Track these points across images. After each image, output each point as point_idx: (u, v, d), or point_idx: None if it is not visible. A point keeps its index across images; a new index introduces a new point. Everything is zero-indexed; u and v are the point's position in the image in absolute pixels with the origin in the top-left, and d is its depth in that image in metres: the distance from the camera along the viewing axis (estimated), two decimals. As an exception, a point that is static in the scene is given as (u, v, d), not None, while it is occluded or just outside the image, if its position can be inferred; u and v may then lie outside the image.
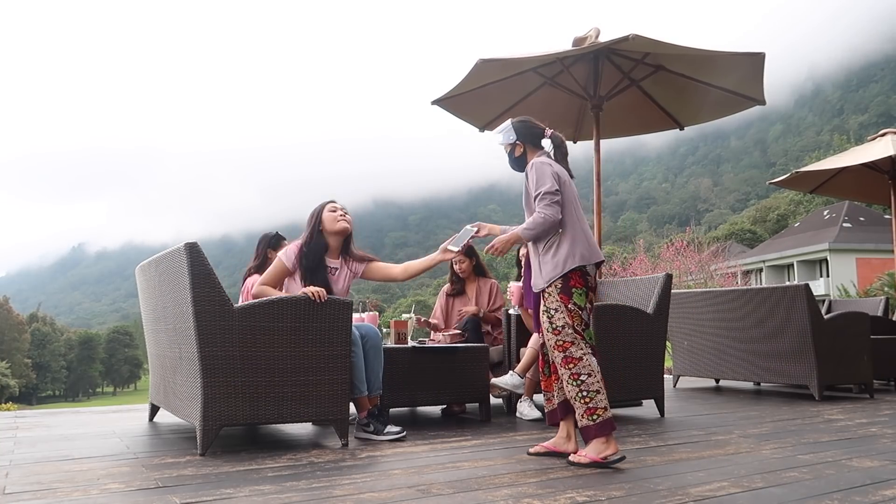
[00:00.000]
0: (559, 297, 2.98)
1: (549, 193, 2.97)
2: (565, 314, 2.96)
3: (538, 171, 3.04)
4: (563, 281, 2.98)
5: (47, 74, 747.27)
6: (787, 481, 2.61)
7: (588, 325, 3.03)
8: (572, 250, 2.99)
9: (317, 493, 2.42)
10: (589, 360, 2.94)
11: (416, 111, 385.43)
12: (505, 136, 3.23)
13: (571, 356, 2.94)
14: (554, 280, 2.99)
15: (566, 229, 3.02)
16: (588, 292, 3.02)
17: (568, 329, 2.95)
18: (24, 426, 4.17)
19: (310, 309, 3.28)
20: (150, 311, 3.95)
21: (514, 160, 3.23)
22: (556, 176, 3.03)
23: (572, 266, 2.98)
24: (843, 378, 5.70)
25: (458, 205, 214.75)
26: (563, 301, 2.97)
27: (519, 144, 3.21)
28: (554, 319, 2.99)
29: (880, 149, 6.85)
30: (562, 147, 3.22)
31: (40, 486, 2.51)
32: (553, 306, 3.00)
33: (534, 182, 3.04)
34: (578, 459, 2.91)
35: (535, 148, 3.20)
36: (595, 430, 2.90)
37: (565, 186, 3.06)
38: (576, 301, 2.98)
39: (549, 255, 3.03)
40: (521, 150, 3.21)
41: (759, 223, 66.14)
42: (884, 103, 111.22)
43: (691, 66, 5.69)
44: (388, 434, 3.50)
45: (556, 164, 3.11)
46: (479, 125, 6.49)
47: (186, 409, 3.32)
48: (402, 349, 4.08)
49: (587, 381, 2.92)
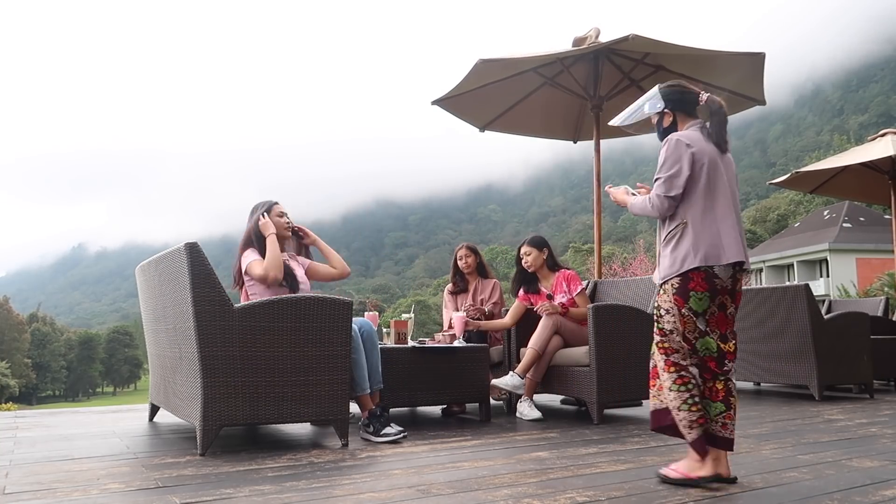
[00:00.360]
0: (673, 299, 2.63)
1: (669, 178, 2.63)
2: (677, 318, 2.62)
3: (670, 149, 2.67)
4: (682, 281, 2.61)
5: (47, 75, 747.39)
6: (787, 481, 2.61)
7: (705, 333, 2.61)
8: (696, 247, 2.59)
9: (317, 493, 2.42)
10: (692, 371, 2.63)
11: (416, 111, 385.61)
12: (651, 104, 2.85)
13: (675, 362, 2.63)
14: (670, 278, 2.65)
15: (695, 221, 2.62)
16: (714, 296, 2.60)
17: (676, 335, 2.63)
18: (24, 426, 4.17)
19: (310, 309, 3.28)
20: (150, 311, 3.95)
21: (661, 131, 2.84)
22: (692, 159, 2.63)
23: (692, 266, 2.58)
24: (843, 378, 5.70)
25: (457, 205, 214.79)
26: (678, 303, 2.61)
27: (668, 113, 2.81)
28: (662, 321, 2.67)
29: (880, 149, 6.85)
30: (718, 114, 2.76)
31: (40, 486, 2.51)
32: (665, 306, 2.66)
33: (660, 161, 2.69)
34: (668, 473, 2.62)
35: (686, 116, 2.80)
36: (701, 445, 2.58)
37: (706, 171, 2.64)
38: (692, 306, 2.59)
39: (669, 249, 2.67)
40: (670, 120, 2.81)
41: (759, 223, 66.12)
42: (884, 103, 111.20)
43: (691, 66, 5.69)
44: (385, 435, 3.48)
45: (702, 142, 2.68)
46: (479, 125, 6.49)
47: (186, 409, 3.32)
48: (402, 349, 4.07)
49: (693, 391, 2.61)
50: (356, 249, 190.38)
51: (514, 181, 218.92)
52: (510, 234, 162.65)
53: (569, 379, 4.39)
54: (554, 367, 4.48)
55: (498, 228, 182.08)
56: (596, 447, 3.34)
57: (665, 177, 2.65)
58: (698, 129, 2.75)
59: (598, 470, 2.82)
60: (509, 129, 6.66)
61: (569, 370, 4.39)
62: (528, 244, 4.83)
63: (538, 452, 3.22)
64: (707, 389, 2.65)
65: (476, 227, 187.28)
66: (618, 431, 3.87)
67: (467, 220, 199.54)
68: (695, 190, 2.63)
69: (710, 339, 2.62)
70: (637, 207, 2.80)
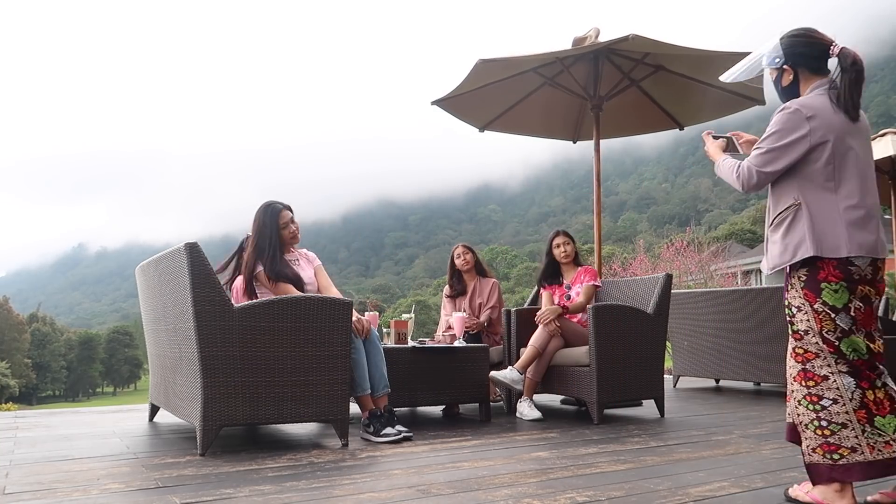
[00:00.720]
0: (802, 293, 2.26)
1: (772, 152, 2.25)
2: (811, 316, 2.24)
3: (784, 119, 2.25)
4: (811, 271, 2.23)
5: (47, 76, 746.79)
6: (787, 481, 2.61)
7: (850, 332, 2.21)
8: (813, 232, 2.21)
9: (317, 493, 2.42)
10: (840, 380, 2.20)
11: (415, 112, 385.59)
12: (769, 58, 2.37)
13: (812, 372, 2.25)
14: (778, 267, 2.30)
15: (812, 203, 2.23)
16: (853, 288, 2.20)
17: (812, 336, 2.24)
18: (24, 426, 4.17)
19: (310, 309, 3.28)
20: (150, 312, 3.94)
21: (781, 91, 2.39)
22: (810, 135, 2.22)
23: (805, 255, 2.21)
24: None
25: (457, 205, 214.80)
26: (808, 298, 2.24)
27: (788, 69, 2.35)
28: (795, 320, 2.30)
29: (880, 149, 6.85)
30: (850, 71, 2.25)
31: (40, 486, 2.51)
32: (795, 303, 2.29)
33: (769, 129, 2.28)
34: (798, 496, 2.30)
35: (812, 73, 2.32)
36: (830, 473, 2.20)
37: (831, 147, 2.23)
38: (826, 300, 2.21)
39: (779, 234, 2.30)
40: (790, 77, 2.35)
41: (760, 223, 66.01)
42: (884, 103, 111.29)
43: (691, 66, 5.68)
44: (385, 436, 3.47)
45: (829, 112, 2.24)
46: (478, 125, 6.49)
47: (186, 409, 3.32)
48: (402, 349, 4.08)
49: (830, 408, 2.20)
50: (356, 249, 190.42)
51: (513, 181, 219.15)
52: (510, 234, 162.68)
53: (569, 379, 4.39)
54: (554, 367, 4.49)
55: (498, 228, 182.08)
56: (596, 447, 3.35)
57: (768, 148, 2.26)
58: (825, 92, 2.29)
59: (598, 470, 2.82)
60: (509, 130, 6.66)
61: (569, 370, 4.39)
62: (563, 234, 4.91)
63: (538, 452, 3.22)
64: (871, 404, 2.20)
65: (476, 227, 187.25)
66: (618, 431, 3.88)
67: (467, 220, 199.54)
68: (814, 167, 2.24)
69: (857, 339, 2.21)
70: (723, 170, 2.41)
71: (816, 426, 2.23)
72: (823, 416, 2.22)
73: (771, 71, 2.41)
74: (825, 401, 2.22)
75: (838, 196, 2.23)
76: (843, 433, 2.19)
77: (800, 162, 2.25)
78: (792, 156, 2.24)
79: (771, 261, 2.33)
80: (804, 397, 2.27)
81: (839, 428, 2.20)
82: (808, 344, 2.26)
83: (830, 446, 2.21)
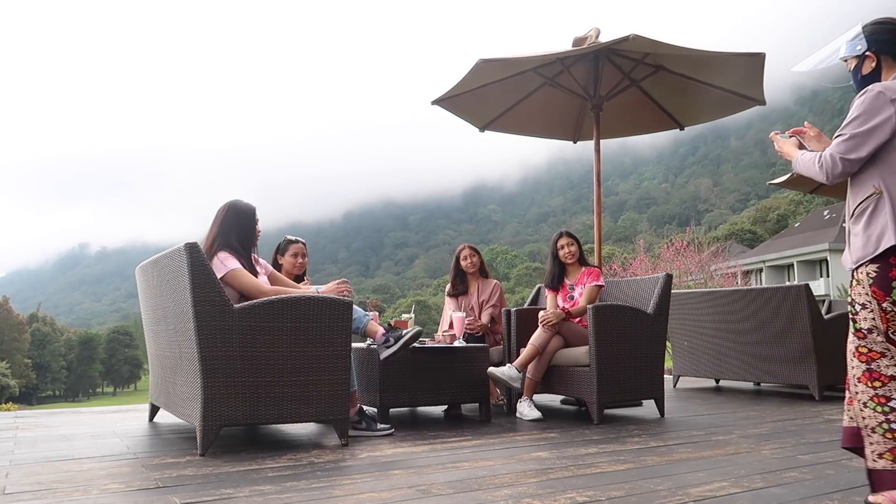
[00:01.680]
0: (870, 290, 2.16)
1: (857, 136, 2.15)
2: (877, 315, 2.15)
3: (867, 101, 2.16)
4: (882, 268, 2.13)
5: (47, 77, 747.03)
6: (787, 481, 2.61)
7: None
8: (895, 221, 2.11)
9: (317, 493, 2.42)
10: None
11: (416, 111, 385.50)
12: (850, 45, 2.31)
13: (879, 372, 2.16)
14: (863, 261, 2.18)
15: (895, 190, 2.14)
16: None
17: (877, 335, 2.17)
18: (24, 426, 4.17)
19: (310, 309, 3.28)
20: (150, 312, 3.94)
21: (860, 80, 2.31)
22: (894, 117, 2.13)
23: (889, 244, 2.10)
24: (843, 378, 5.69)
25: (457, 205, 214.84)
26: (877, 296, 2.14)
27: (871, 56, 2.27)
28: (858, 318, 2.21)
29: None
30: None
31: (40, 486, 2.51)
32: (860, 300, 2.19)
33: (851, 114, 2.19)
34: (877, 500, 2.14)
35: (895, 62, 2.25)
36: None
37: None
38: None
39: (861, 226, 2.19)
40: (872, 65, 2.28)
41: (759, 223, 66.18)
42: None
43: (691, 66, 5.68)
44: (380, 430, 3.68)
45: None
46: (478, 125, 6.49)
47: (186, 409, 3.32)
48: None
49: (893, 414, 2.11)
50: (356, 249, 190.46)
51: (513, 181, 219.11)
52: (510, 234, 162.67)
53: (569, 379, 4.39)
54: (554, 367, 4.49)
55: (498, 228, 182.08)
56: (596, 447, 3.34)
57: (851, 133, 2.16)
58: None
59: (598, 470, 2.82)
60: (509, 129, 6.65)
61: (569, 370, 4.39)
62: (567, 236, 4.89)
63: (538, 452, 3.22)
64: None
65: (476, 228, 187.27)
66: (618, 431, 3.88)
67: (467, 221, 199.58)
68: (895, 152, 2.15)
69: None
70: (802, 164, 2.29)
71: (886, 429, 2.12)
72: (893, 419, 2.11)
73: (851, 60, 2.34)
74: (894, 402, 2.12)
75: None
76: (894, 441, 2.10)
77: (882, 148, 2.16)
78: (877, 140, 2.15)
79: (855, 253, 2.22)
80: (871, 399, 2.16)
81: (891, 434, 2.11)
82: (873, 343, 2.18)
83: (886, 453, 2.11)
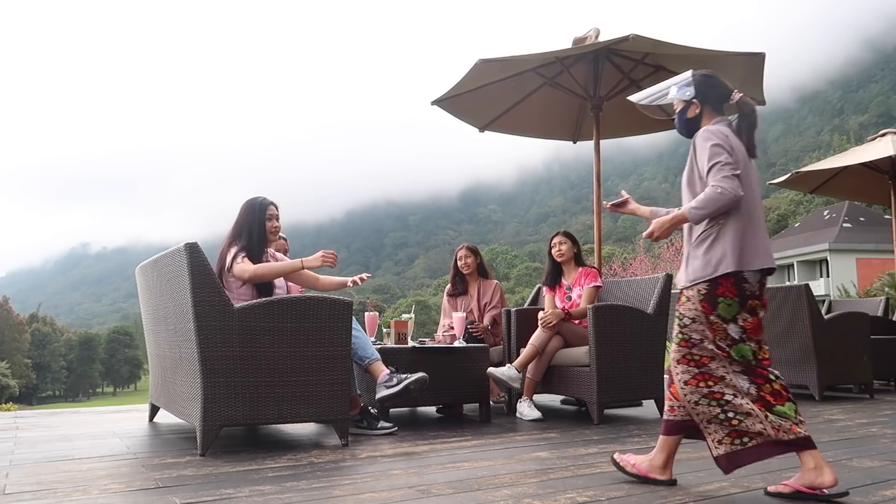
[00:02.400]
0: (700, 305, 2.44)
1: (728, 164, 2.37)
2: (705, 327, 2.44)
3: (711, 138, 2.44)
4: (710, 286, 2.43)
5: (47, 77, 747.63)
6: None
7: (739, 341, 2.43)
8: (733, 248, 2.40)
9: (317, 493, 2.42)
10: (736, 379, 2.41)
11: (415, 111, 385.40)
12: (679, 90, 2.62)
13: (709, 374, 2.43)
14: (698, 282, 2.45)
15: (730, 221, 2.43)
16: (744, 302, 2.42)
17: (707, 343, 2.43)
18: (24, 426, 4.17)
19: (310, 309, 3.28)
20: (150, 312, 3.94)
21: (683, 122, 2.63)
22: (732, 150, 2.43)
23: (727, 270, 2.39)
24: (843, 378, 5.70)
25: (457, 205, 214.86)
26: (705, 310, 2.43)
27: (696, 103, 2.60)
28: (688, 329, 2.46)
29: (880, 149, 6.85)
30: (750, 118, 2.55)
31: (40, 486, 2.51)
32: (690, 315, 2.46)
33: (705, 151, 2.44)
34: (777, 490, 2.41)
35: (713, 111, 2.59)
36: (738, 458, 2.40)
37: (742, 168, 2.43)
38: (721, 313, 2.41)
39: (701, 250, 2.46)
40: (696, 111, 2.60)
41: (759, 223, 66.03)
42: (884, 103, 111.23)
43: (691, 66, 5.63)
44: (382, 429, 3.70)
45: (736, 140, 2.50)
46: (478, 125, 6.49)
47: (186, 410, 3.32)
48: (402, 349, 4.07)
49: (733, 401, 2.39)
50: (356, 249, 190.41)
51: (513, 181, 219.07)
52: (510, 234, 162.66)
53: (569, 379, 4.39)
54: (554, 367, 4.48)
55: (498, 229, 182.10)
56: (596, 447, 3.34)
57: (723, 160, 2.39)
58: (727, 125, 2.54)
59: (598, 470, 2.82)
60: (509, 130, 6.66)
61: (569, 370, 4.39)
62: (562, 234, 4.90)
63: (538, 452, 3.22)
64: (769, 396, 2.40)
65: (476, 228, 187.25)
66: (618, 431, 3.87)
67: (467, 221, 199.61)
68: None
69: (745, 347, 2.43)
70: (703, 205, 2.39)
71: (722, 419, 2.41)
72: (728, 409, 2.40)
73: (678, 102, 2.64)
74: (728, 395, 2.41)
75: (749, 215, 2.45)
76: (748, 421, 2.37)
77: None
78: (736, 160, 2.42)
79: (692, 274, 2.49)
80: (705, 396, 2.43)
81: (744, 417, 2.38)
82: (703, 350, 2.45)
83: (737, 433, 2.39)
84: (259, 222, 3.74)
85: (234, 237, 3.73)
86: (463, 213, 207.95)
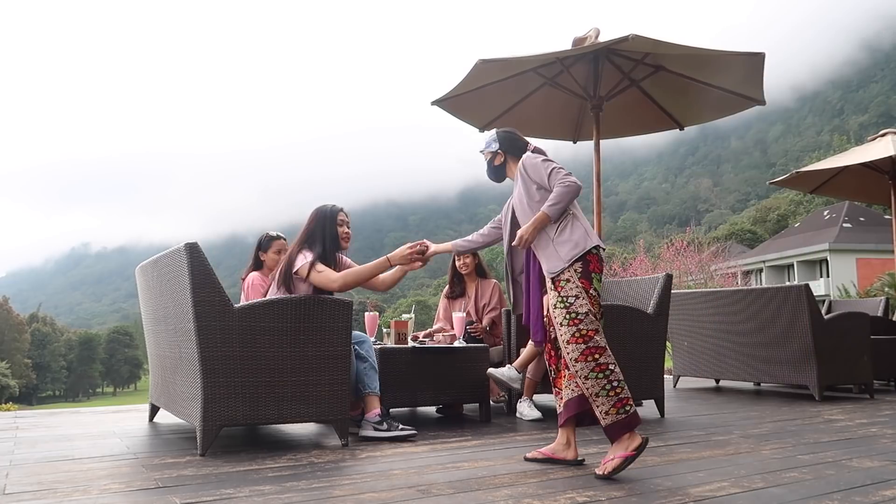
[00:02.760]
0: (580, 283, 2.81)
1: (562, 168, 2.94)
2: (587, 300, 2.79)
3: (538, 158, 3.04)
4: (584, 264, 2.83)
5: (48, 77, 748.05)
6: (787, 481, 2.61)
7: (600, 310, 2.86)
8: (586, 229, 2.90)
9: (317, 493, 2.42)
10: (609, 350, 2.78)
11: (415, 111, 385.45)
12: (487, 144, 3.26)
13: (597, 346, 2.75)
14: (574, 261, 2.83)
15: (575, 211, 2.97)
16: (601, 275, 2.90)
17: (591, 316, 2.77)
18: (24, 426, 4.17)
19: (310, 309, 3.28)
20: (150, 312, 3.95)
21: (492, 169, 3.27)
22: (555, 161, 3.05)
23: (593, 244, 2.86)
24: (843, 378, 5.70)
25: (457, 205, 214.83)
26: (585, 286, 2.80)
27: (500, 154, 3.23)
28: (575, 307, 2.78)
29: (880, 149, 6.85)
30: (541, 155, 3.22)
31: (40, 486, 2.51)
32: (573, 293, 2.80)
33: (538, 168, 3.00)
34: (609, 467, 2.66)
35: (515, 159, 3.20)
36: (626, 423, 2.70)
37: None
38: (595, 287, 2.82)
39: (565, 235, 2.88)
40: (500, 160, 3.24)
41: (760, 223, 66.14)
42: (884, 103, 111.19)
43: (691, 66, 5.69)
44: (403, 430, 3.56)
45: None
46: (478, 126, 6.49)
47: (186, 410, 3.32)
48: (402, 349, 4.07)
49: (615, 370, 2.74)
50: (356, 249, 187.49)
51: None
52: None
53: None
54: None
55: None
56: (596, 447, 3.34)
57: (556, 166, 2.97)
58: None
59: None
60: (509, 130, 6.66)
61: (569, 370, 4.39)
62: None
63: (538, 452, 3.21)
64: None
65: (476, 228, 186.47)
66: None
67: (467, 221, 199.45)
68: None
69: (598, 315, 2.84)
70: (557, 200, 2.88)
71: (609, 389, 2.71)
72: (613, 378, 2.73)
73: (487, 153, 3.27)
74: (611, 366, 2.74)
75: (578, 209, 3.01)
76: (625, 389, 2.73)
77: None
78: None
79: (565, 256, 2.85)
80: (593, 370, 2.72)
81: (623, 385, 2.73)
82: (590, 324, 2.77)
83: (621, 401, 2.71)
84: (331, 229, 3.73)
85: (304, 243, 3.70)
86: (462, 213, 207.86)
